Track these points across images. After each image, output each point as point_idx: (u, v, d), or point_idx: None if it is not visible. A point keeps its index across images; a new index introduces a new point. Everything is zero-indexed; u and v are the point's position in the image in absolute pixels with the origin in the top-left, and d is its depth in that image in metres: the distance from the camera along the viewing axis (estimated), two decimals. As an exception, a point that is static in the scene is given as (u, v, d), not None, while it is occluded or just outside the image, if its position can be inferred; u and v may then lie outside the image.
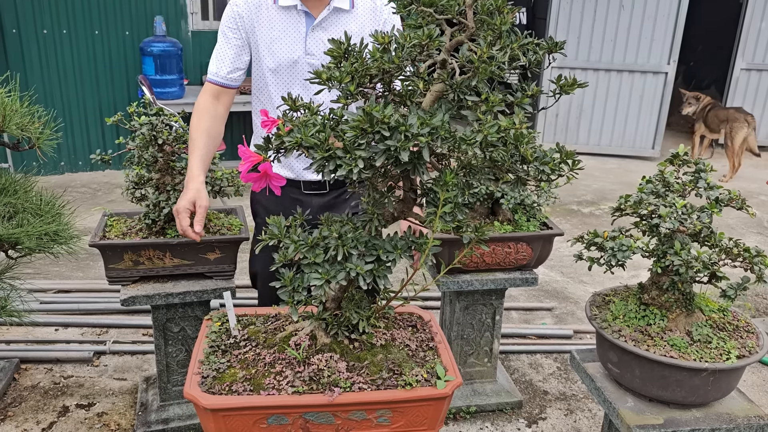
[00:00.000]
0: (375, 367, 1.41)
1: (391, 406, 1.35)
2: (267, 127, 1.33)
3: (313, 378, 1.37)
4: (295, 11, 2.03)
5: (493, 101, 1.22)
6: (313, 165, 1.21)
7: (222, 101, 2.11)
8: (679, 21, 6.96)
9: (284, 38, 2.06)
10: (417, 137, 1.13)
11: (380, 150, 1.16)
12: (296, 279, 1.35)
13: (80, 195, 5.44)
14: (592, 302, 1.89)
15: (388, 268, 1.34)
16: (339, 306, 1.47)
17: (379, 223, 1.38)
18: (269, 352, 1.46)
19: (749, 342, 1.70)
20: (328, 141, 1.19)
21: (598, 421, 2.77)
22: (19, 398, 2.76)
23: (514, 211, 2.57)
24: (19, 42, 5.56)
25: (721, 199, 1.71)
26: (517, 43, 1.24)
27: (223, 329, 1.57)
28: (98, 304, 3.53)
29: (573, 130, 7.46)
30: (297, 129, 1.22)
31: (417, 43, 1.24)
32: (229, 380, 1.38)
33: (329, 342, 1.46)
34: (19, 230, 1.81)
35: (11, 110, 1.80)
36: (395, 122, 1.13)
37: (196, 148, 2.01)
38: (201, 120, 2.04)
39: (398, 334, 1.55)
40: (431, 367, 1.43)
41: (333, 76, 1.26)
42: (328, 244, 1.33)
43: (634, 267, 4.07)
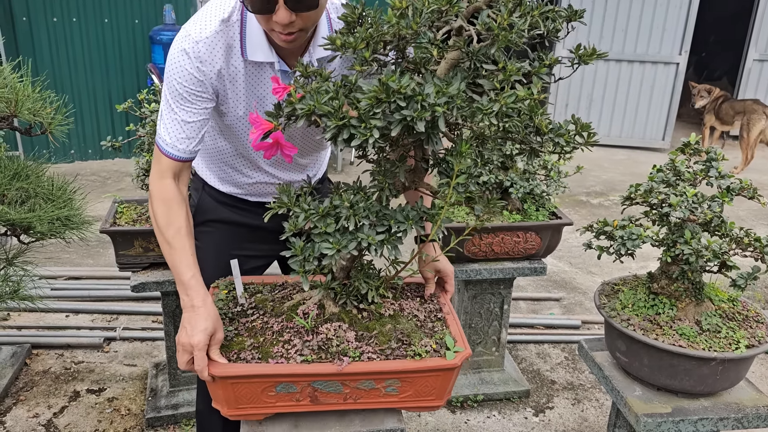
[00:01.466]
0: (384, 337, 1.40)
1: (399, 376, 1.34)
2: (278, 94, 1.29)
3: (321, 347, 1.35)
4: (269, 69, 1.57)
5: (511, 70, 1.18)
6: (326, 133, 1.17)
7: (183, 179, 1.59)
8: (691, 11, 6.89)
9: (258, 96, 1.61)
10: (433, 107, 1.10)
11: (396, 120, 1.12)
12: (307, 248, 1.31)
13: (90, 183, 5.47)
14: (601, 291, 1.89)
15: (399, 239, 1.31)
16: (348, 276, 1.45)
17: (390, 192, 1.35)
18: (277, 320, 1.44)
19: (759, 332, 1.69)
20: (342, 109, 1.15)
21: (605, 410, 2.77)
22: (30, 383, 2.79)
23: (524, 200, 2.56)
24: (30, 30, 5.58)
25: (733, 188, 1.70)
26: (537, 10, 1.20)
27: (230, 297, 1.55)
28: (108, 290, 3.56)
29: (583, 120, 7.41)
30: (309, 96, 1.18)
31: (436, 9, 1.20)
32: (237, 348, 1.38)
33: (337, 311, 1.44)
34: (31, 215, 1.82)
35: (23, 95, 1.80)
36: (411, 92, 1.10)
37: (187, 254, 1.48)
38: (177, 214, 1.51)
39: (406, 305, 1.53)
40: (440, 337, 1.41)
41: (347, 42, 1.23)
42: (339, 213, 1.30)
43: (643, 258, 4.06)
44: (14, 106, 1.81)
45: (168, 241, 1.49)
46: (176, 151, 1.53)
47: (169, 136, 1.53)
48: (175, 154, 1.54)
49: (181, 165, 1.56)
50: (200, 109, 1.54)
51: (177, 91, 1.51)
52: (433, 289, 1.63)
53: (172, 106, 1.53)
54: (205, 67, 1.50)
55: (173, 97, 1.52)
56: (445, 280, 1.66)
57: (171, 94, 1.52)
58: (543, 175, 2.59)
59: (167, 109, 1.54)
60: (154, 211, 1.53)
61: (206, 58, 1.49)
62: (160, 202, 1.52)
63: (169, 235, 1.49)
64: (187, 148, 1.54)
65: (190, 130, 1.53)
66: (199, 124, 1.54)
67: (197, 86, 1.51)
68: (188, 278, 1.44)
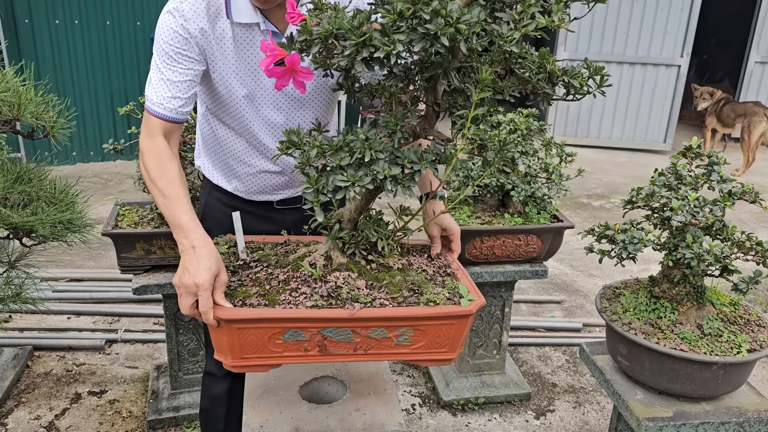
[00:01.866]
0: (395, 287, 1.35)
1: (413, 324, 1.29)
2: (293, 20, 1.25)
3: (331, 294, 1.30)
4: (257, 30, 1.59)
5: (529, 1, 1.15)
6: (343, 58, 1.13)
7: (174, 140, 1.59)
8: (692, 13, 6.90)
9: (249, 58, 1.62)
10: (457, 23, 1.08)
11: (419, 35, 1.09)
12: (320, 180, 1.26)
13: (92, 185, 5.48)
14: (602, 295, 1.89)
15: (413, 179, 1.26)
16: (355, 227, 1.42)
17: (402, 135, 1.30)
18: (282, 270, 1.39)
19: (760, 336, 1.69)
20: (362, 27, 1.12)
21: (606, 414, 2.77)
22: (32, 385, 2.79)
23: (525, 203, 2.56)
24: (32, 32, 5.59)
25: (734, 192, 1.70)
26: None
27: (231, 252, 1.49)
28: (110, 292, 3.57)
29: (584, 123, 7.42)
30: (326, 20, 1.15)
31: None
32: (241, 296, 1.32)
33: (346, 262, 1.40)
34: (33, 218, 1.82)
35: (26, 99, 1.81)
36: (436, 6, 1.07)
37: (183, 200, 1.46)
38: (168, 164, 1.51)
39: (414, 260, 1.49)
40: (452, 287, 1.37)
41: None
42: (354, 147, 1.25)
43: (645, 261, 4.06)
44: (17, 110, 1.82)
45: (161, 191, 1.47)
46: (163, 109, 1.54)
47: (156, 95, 1.55)
48: (162, 113, 1.54)
49: (170, 125, 1.56)
50: (186, 69, 1.56)
51: (164, 51, 1.55)
52: (440, 248, 1.60)
53: (160, 67, 1.56)
54: (189, 25, 1.54)
55: (161, 58, 1.56)
56: (451, 239, 1.62)
57: (159, 56, 1.56)
58: (544, 178, 2.59)
59: (155, 70, 1.57)
60: (145, 166, 1.52)
61: (190, 16, 1.53)
62: (151, 156, 1.52)
63: (162, 185, 1.48)
64: (173, 107, 1.55)
65: (176, 89, 1.55)
66: (186, 84, 1.56)
67: (182, 44, 1.54)
68: (186, 221, 1.41)
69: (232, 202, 1.84)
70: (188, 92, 1.57)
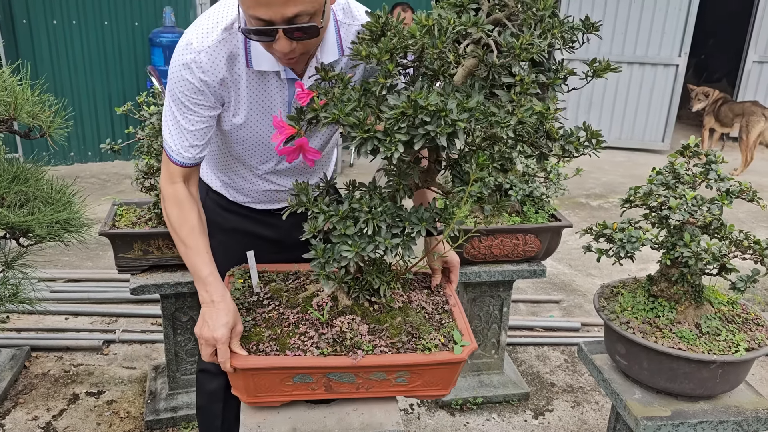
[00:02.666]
0: (394, 330, 1.46)
1: (410, 369, 1.41)
2: (302, 100, 1.31)
3: (336, 340, 1.41)
4: (276, 79, 1.54)
5: (527, 83, 1.20)
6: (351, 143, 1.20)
7: (192, 181, 1.61)
8: (690, 13, 6.90)
9: (263, 105, 1.57)
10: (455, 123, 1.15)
11: (420, 135, 1.17)
12: (328, 250, 1.36)
13: (90, 185, 5.47)
14: (600, 294, 1.89)
15: (413, 240, 1.37)
16: (360, 270, 1.50)
17: (405, 192, 1.39)
18: (293, 312, 1.50)
19: (758, 335, 1.69)
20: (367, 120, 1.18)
21: (605, 413, 2.77)
22: (29, 386, 2.78)
23: (523, 202, 2.56)
24: (30, 33, 5.58)
25: (732, 191, 1.70)
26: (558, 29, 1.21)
27: (246, 286, 1.61)
28: (108, 293, 3.56)
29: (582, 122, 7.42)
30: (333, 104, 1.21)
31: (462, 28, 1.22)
32: (255, 339, 1.43)
33: (350, 304, 1.49)
34: (30, 218, 1.82)
35: (23, 98, 1.80)
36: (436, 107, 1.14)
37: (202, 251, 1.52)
38: (189, 213, 1.55)
39: (415, 297, 1.59)
40: (448, 331, 1.48)
41: (372, 53, 1.24)
42: (358, 216, 1.34)
43: (643, 260, 4.05)
44: (13, 110, 1.81)
45: (183, 240, 1.53)
46: (182, 158, 1.55)
47: (174, 143, 1.54)
48: (181, 161, 1.55)
49: (188, 170, 1.58)
50: (203, 117, 1.53)
51: (179, 100, 1.50)
52: (440, 279, 1.68)
53: (176, 114, 1.52)
54: (207, 77, 1.47)
55: (176, 105, 1.52)
56: (450, 270, 1.70)
57: (174, 102, 1.52)
58: (542, 177, 2.59)
59: (171, 116, 1.54)
60: (167, 214, 1.56)
61: (208, 68, 1.47)
62: (173, 204, 1.55)
63: (183, 235, 1.53)
64: (191, 155, 1.55)
65: (194, 138, 1.53)
66: (203, 131, 1.54)
67: (199, 96, 1.50)
68: (206, 275, 1.48)
69: (230, 206, 1.84)
70: (205, 137, 1.56)
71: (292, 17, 1.30)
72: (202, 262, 1.50)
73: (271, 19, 1.30)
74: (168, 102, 1.54)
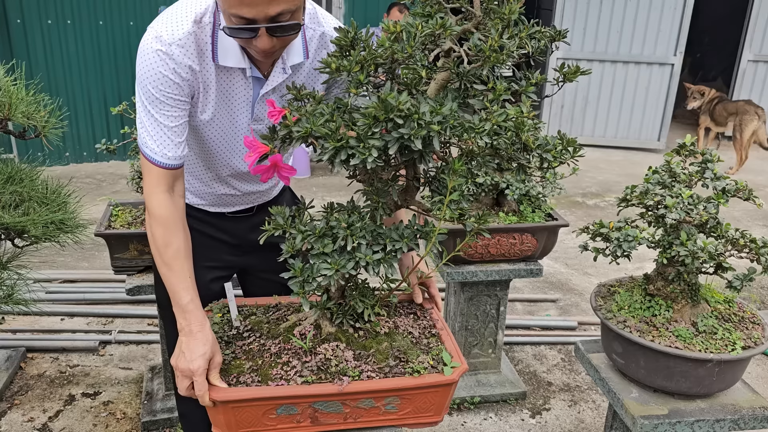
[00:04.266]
0: (381, 355, 1.42)
1: (399, 394, 1.36)
2: (274, 118, 1.32)
3: (320, 367, 1.37)
4: (240, 74, 1.52)
5: (500, 90, 1.22)
6: (324, 155, 1.19)
7: (177, 189, 1.52)
8: (685, 12, 6.91)
9: (228, 102, 1.55)
10: (429, 125, 1.13)
11: (393, 138, 1.16)
12: (306, 270, 1.34)
13: (85, 185, 5.45)
14: (597, 293, 1.89)
15: (395, 257, 1.34)
16: (342, 295, 1.47)
17: (384, 211, 1.38)
18: (274, 342, 1.46)
19: (755, 333, 1.70)
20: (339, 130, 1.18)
21: (601, 412, 2.77)
22: (25, 387, 2.78)
23: (519, 202, 2.56)
24: (24, 32, 5.56)
25: (728, 190, 1.71)
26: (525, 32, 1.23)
27: (225, 320, 1.56)
28: (103, 294, 3.55)
29: (578, 122, 7.43)
30: (305, 119, 1.21)
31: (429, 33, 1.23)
32: (236, 371, 1.38)
33: (334, 331, 1.46)
34: (25, 218, 1.81)
35: (17, 98, 1.80)
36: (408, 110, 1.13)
37: (185, 277, 1.45)
38: (172, 236, 1.46)
39: (401, 322, 1.55)
40: (437, 354, 1.44)
41: (342, 66, 1.25)
42: (337, 234, 1.33)
43: (639, 259, 4.06)
44: (8, 110, 1.80)
45: (166, 262, 1.45)
46: (165, 159, 1.46)
47: (155, 143, 1.45)
48: (164, 162, 1.47)
49: (173, 173, 1.49)
50: (181, 111, 1.47)
51: (154, 96, 1.43)
52: (421, 297, 1.64)
53: (152, 113, 1.45)
54: (180, 69, 1.43)
55: (151, 103, 1.44)
56: (427, 285, 1.65)
57: (148, 100, 1.44)
58: (539, 176, 2.59)
59: (147, 115, 1.45)
60: (152, 233, 1.47)
61: (181, 60, 1.42)
62: (158, 223, 1.46)
63: (167, 257, 1.45)
64: (176, 154, 1.47)
65: (174, 134, 1.46)
66: (181, 127, 1.48)
67: (174, 89, 1.44)
68: (186, 302, 1.41)
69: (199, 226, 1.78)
70: (184, 134, 1.49)
71: (275, 15, 1.30)
72: (183, 288, 1.42)
73: (254, 18, 1.30)
74: (141, 102, 1.46)
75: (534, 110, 1.26)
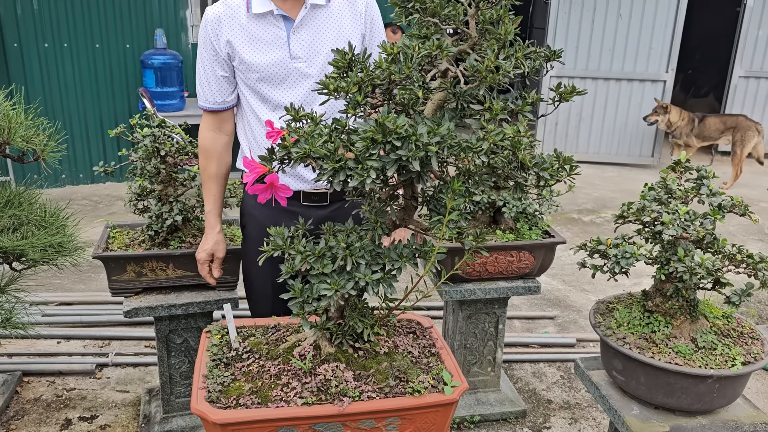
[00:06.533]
0: (381, 375, 1.42)
1: (400, 414, 1.36)
2: (272, 138, 1.33)
3: (321, 388, 1.37)
4: (271, 17, 1.87)
5: (496, 109, 1.23)
6: (323, 176, 1.20)
7: (224, 128, 2.03)
8: (676, 29, 7.00)
9: (266, 46, 1.89)
10: (427, 146, 1.14)
11: (391, 160, 1.17)
12: (306, 290, 1.34)
13: (82, 207, 5.44)
14: (596, 310, 1.89)
15: (394, 277, 1.34)
16: (342, 315, 1.47)
17: (383, 231, 1.38)
18: (274, 363, 1.46)
19: (754, 348, 1.70)
20: (338, 151, 1.19)
21: (602, 429, 2.76)
22: (21, 411, 2.75)
23: (516, 219, 2.57)
24: (21, 56, 5.59)
25: (724, 206, 1.72)
26: (521, 52, 1.25)
27: (224, 342, 1.56)
28: (100, 316, 3.53)
29: (573, 138, 7.47)
30: (304, 140, 1.22)
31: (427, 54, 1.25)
32: (235, 393, 1.37)
33: (334, 351, 1.46)
34: (23, 242, 1.81)
35: (16, 123, 1.80)
36: (405, 132, 1.14)
37: (210, 194, 2.04)
38: (209, 163, 2.03)
39: (400, 342, 1.55)
40: (437, 373, 1.44)
41: (340, 87, 1.26)
42: (336, 253, 1.33)
43: (636, 275, 4.07)
44: (7, 134, 1.81)
45: (203, 181, 2.06)
46: (206, 102, 1.97)
47: (201, 89, 1.97)
48: (205, 106, 1.98)
49: (216, 116, 2.00)
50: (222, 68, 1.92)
51: (201, 54, 1.92)
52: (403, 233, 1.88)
53: (198, 67, 1.95)
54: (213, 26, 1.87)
55: (200, 58, 1.94)
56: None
57: (199, 56, 1.94)
58: (535, 194, 2.60)
59: (200, 66, 1.95)
60: (199, 161, 2.07)
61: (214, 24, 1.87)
62: (200, 153, 2.05)
63: (203, 178, 2.06)
64: (215, 99, 1.96)
65: (217, 83, 1.94)
66: (224, 80, 1.94)
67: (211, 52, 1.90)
68: (207, 210, 2.05)
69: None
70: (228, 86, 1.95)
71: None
72: (207, 201, 2.04)
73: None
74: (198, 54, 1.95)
75: (529, 129, 1.28)
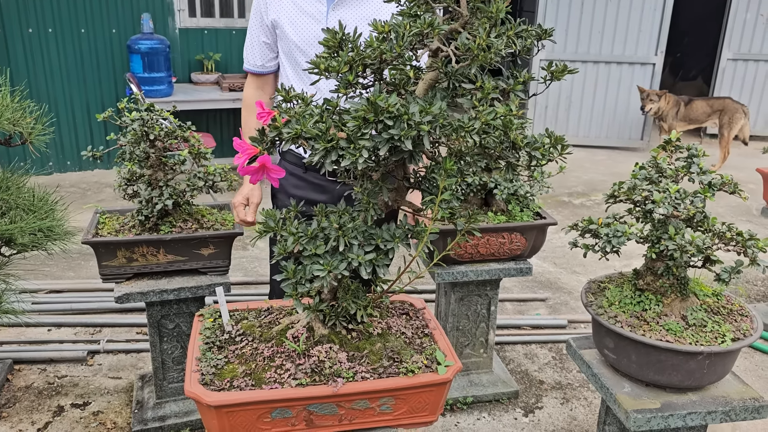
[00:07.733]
0: (375, 356, 1.42)
1: (394, 394, 1.37)
2: (263, 119, 1.32)
3: (314, 370, 1.37)
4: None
5: (488, 88, 1.23)
6: (314, 156, 1.20)
7: (266, 90, 2.23)
8: (665, 12, 6.99)
9: (307, 18, 2.02)
10: (419, 125, 1.13)
11: (383, 139, 1.16)
12: (299, 271, 1.34)
13: (70, 194, 5.39)
14: (587, 289, 1.90)
15: (387, 257, 1.34)
16: (335, 296, 1.47)
17: (375, 212, 1.38)
18: (267, 345, 1.46)
19: (743, 325, 1.72)
20: (329, 131, 1.18)
21: (593, 408, 2.79)
22: (13, 399, 2.74)
23: (508, 201, 2.57)
24: (4, 41, 5.50)
25: (714, 184, 1.73)
26: (512, 30, 1.24)
27: (216, 325, 1.55)
28: (91, 303, 3.51)
29: (562, 122, 7.48)
30: (295, 120, 1.21)
31: (418, 32, 1.24)
32: (229, 376, 1.37)
33: (327, 333, 1.46)
34: (12, 226, 1.79)
35: (3, 105, 1.78)
36: (398, 111, 1.13)
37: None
38: (250, 116, 2.24)
39: (393, 323, 1.56)
40: (430, 353, 1.44)
41: (331, 66, 1.25)
42: (328, 234, 1.33)
43: (627, 256, 4.10)
44: (-8, 117, 1.78)
45: (244, 133, 2.21)
46: (248, 65, 2.21)
47: (245, 52, 2.19)
48: (247, 68, 2.21)
49: (258, 78, 2.23)
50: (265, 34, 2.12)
51: (252, 18, 2.13)
52: None
53: (251, 27, 2.15)
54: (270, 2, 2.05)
55: (250, 24, 2.15)
56: None
57: (250, 19, 2.15)
58: (526, 175, 2.60)
59: (248, 31, 2.16)
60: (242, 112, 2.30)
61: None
62: (243, 107, 2.29)
63: (245, 130, 2.26)
64: (256, 62, 2.18)
65: (259, 48, 2.15)
66: (265, 46, 2.14)
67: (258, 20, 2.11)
68: None
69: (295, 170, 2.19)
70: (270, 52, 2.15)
71: None
72: None
73: None
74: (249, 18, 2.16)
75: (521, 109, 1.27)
